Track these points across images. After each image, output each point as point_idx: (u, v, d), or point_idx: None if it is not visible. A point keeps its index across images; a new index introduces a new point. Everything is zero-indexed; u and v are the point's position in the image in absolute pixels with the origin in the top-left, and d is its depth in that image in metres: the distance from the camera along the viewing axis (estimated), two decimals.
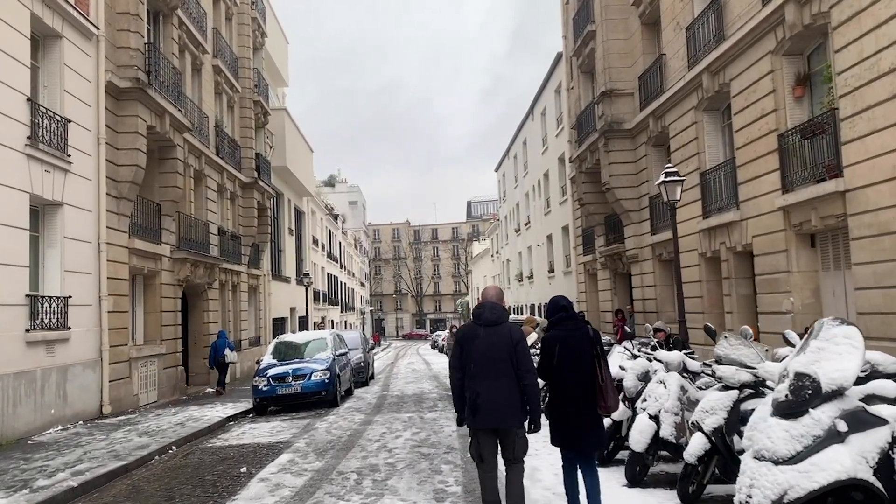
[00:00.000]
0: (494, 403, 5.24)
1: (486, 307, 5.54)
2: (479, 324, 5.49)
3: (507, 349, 5.33)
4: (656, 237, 17.92)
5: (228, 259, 23.15)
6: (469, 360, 5.37)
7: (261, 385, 14.79)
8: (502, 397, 5.25)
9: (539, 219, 34.76)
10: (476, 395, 5.28)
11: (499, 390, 5.25)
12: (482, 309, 5.55)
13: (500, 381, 5.27)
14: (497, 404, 5.24)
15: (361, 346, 21.72)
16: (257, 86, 26.88)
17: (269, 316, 29.14)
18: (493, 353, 5.32)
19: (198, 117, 20.65)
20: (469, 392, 5.33)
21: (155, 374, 16.60)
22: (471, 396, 5.31)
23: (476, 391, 5.28)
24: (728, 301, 14.25)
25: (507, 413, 5.25)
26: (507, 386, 5.27)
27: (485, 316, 5.48)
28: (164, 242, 17.46)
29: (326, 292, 47.66)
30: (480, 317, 5.50)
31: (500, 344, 5.35)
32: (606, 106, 19.61)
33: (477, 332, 5.45)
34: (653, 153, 18.58)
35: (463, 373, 5.41)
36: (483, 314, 5.50)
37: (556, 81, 29.67)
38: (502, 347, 5.34)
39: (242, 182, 25.04)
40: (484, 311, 5.51)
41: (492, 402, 5.24)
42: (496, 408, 5.24)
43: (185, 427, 12.14)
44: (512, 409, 5.26)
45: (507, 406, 5.25)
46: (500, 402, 5.24)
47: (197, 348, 20.76)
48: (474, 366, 5.33)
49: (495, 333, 5.41)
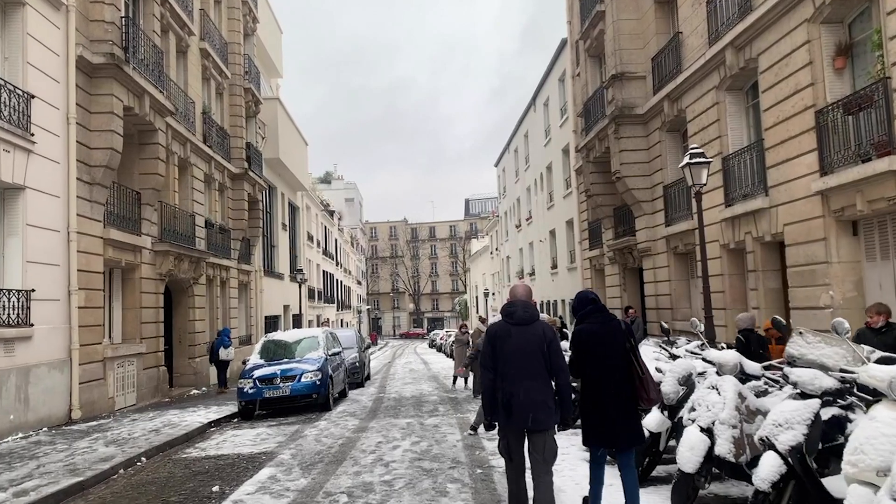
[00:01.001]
0: (529, 404, 5.12)
1: (519, 305, 5.39)
2: (511, 322, 5.34)
3: (540, 348, 5.23)
4: (672, 229, 16.77)
5: (216, 253, 21.96)
6: (501, 360, 5.24)
7: (246, 387, 13.61)
8: (536, 397, 5.14)
9: (541, 213, 33.61)
10: (510, 396, 5.14)
11: (533, 390, 5.15)
12: (514, 307, 5.39)
13: (534, 380, 5.17)
14: (531, 405, 5.12)
15: (356, 346, 20.53)
16: (248, 73, 25.67)
17: (261, 314, 27.94)
18: (526, 353, 5.22)
19: (183, 102, 19.45)
20: (502, 392, 5.19)
21: (134, 374, 15.40)
22: (504, 397, 5.17)
23: (510, 392, 5.15)
24: (754, 296, 13.11)
25: (541, 413, 5.14)
26: (541, 385, 5.18)
27: (517, 314, 5.34)
28: (144, 234, 16.26)
29: (322, 290, 46.46)
30: (513, 315, 5.35)
31: (534, 343, 5.23)
32: (617, 90, 18.44)
33: (509, 330, 5.31)
34: (667, 139, 17.42)
35: (495, 373, 5.26)
36: (516, 312, 5.35)
37: (559, 69, 28.52)
38: (535, 346, 5.23)
39: (232, 173, 23.84)
40: (516, 310, 5.36)
41: (526, 402, 5.12)
42: (530, 408, 5.12)
43: (159, 434, 10.96)
44: (546, 409, 5.16)
45: (542, 406, 5.15)
46: (535, 403, 5.13)
47: (182, 347, 19.57)
48: (507, 365, 5.21)
49: (528, 332, 5.28)
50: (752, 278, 13.23)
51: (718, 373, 5.89)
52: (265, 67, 33.85)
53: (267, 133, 29.71)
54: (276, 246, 32.38)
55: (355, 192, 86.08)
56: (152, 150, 16.24)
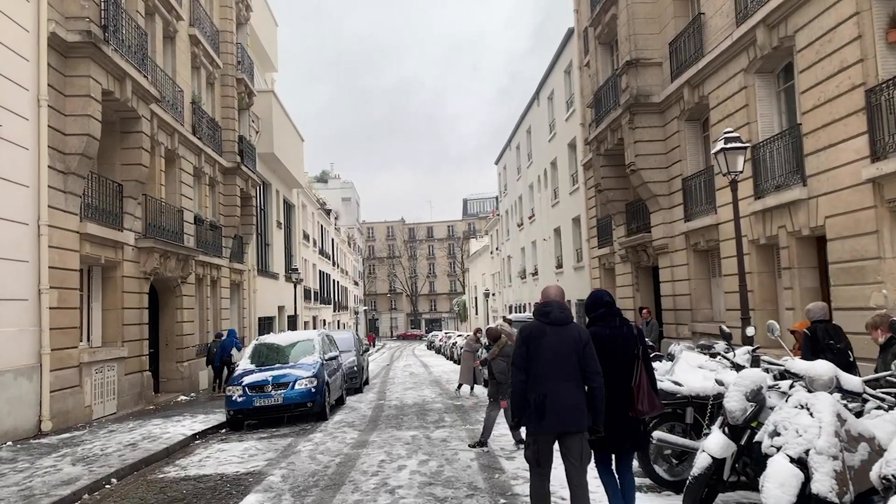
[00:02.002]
0: (563, 406, 5.02)
1: (555, 305, 5.28)
2: (546, 322, 5.20)
3: (576, 350, 5.10)
4: (691, 224, 15.68)
5: (207, 251, 20.82)
6: (535, 361, 5.11)
7: (235, 395, 12.48)
8: (570, 400, 5.05)
9: (545, 211, 32.51)
10: (543, 398, 5.04)
11: (566, 393, 5.05)
12: (550, 307, 5.27)
13: (568, 382, 5.07)
14: (565, 407, 5.03)
15: (354, 349, 19.40)
16: (240, 62, 24.53)
17: (255, 315, 26.79)
18: (561, 354, 5.10)
19: (171, 91, 18.32)
20: (534, 394, 5.07)
21: (114, 381, 14.26)
22: (536, 399, 5.05)
23: (543, 393, 5.05)
24: (788, 295, 12.02)
25: (575, 416, 5.05)
26: (575, 388, 5.08)
27: (553, 314, 5.21)
28: (126, 229, 15.12)
29: (318, 290, 45.31)
30: (549, 315, 5.23)
31: (570, 344, 5.12)
32: (631, 77, 17.34)
33: (544, 330, 5.16)
34: (686, 129, 16.33)
35: (528, 374, 5.12)
36: (552, 312, 5.23)
37: (565, 61, 27.43)
38: (571, 347, 5.11)
39: (223, 167, 22.70)
40: (552, 310, 5.24)
41: (560, 404, 5.02)
42: (564, 410, 5.02)
43: (136, 450, 9.82)
44: (579, 411, 5.07)
45: (575, 409, 5.06)
46: (569, 405, 5.04)
47: (169, 350, 18.42)
48: (541, 366, 5.09)
49: (564, 333, 5.15)
50: (786, 276, 12.14)
51: (809, 389, 4.78)
52: (260, 60, 32.71)
53: (261, 127, 28.58)
54: (270, 245, 31.24)
55: (352, 191, 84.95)
56: (135, 139, 15.11)
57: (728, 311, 14.27)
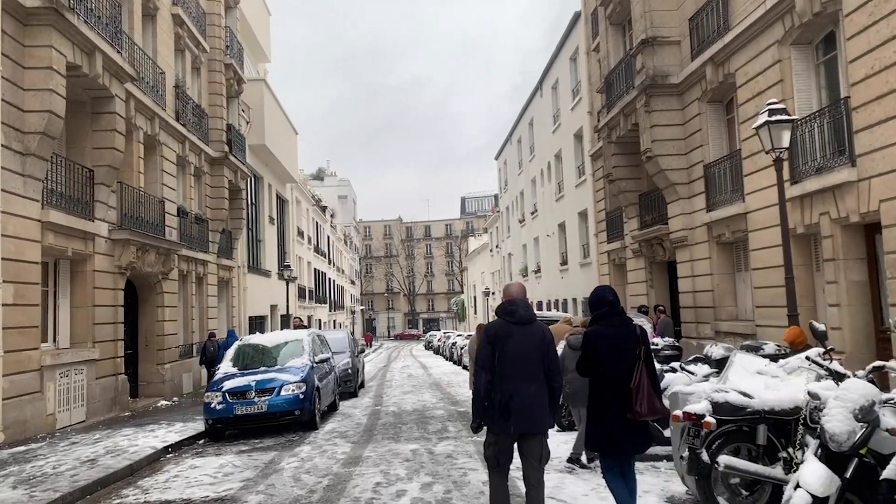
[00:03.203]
0: (528, 407, 4.98)
1: (520, 304, 5.24)
2: (512, 322, 5.15)
3: (540, 349, 5.10)
4: (715, 214, 14.42)
5: (192, 245, 19.52)
6: (501, 361, 5.03)
7: (214, 402, 11.18)
8: (535, 400, 5.02)
9: (549, 206, 31.24)
10: (508, 398, 4.97)
11: (531, 393, 5.01)
12: (515, 306, 5.21)
13: (533, 382, 5.03)
14: (531, 407, 4.99)
15: (349, 349, 18.08)
16: (229, 47, 23.22)
17: (245, 314, 25.48)
18: (526, 354, 5.06)
19: (151, 72, 17.01)
20: (499, 394, 5.00)
21: (82, 385, 12.94)
22: (501, 399, 4.98)
23: (508, 393, 4.98)
24: (833, 290, 10.74)
25: (539, 418, 5.03)
26: (539, 388, 5.06)
27: (519, 313, 5.16)
28: (98, 219, 13.82)
29: (313, 289, 43.99)
30: (514, 314, 5.16)
31: (534, 344, 5.10)
32: (647, 57, 16.07)
33: (511, 330, 5.12)
34: (709, 112, 15.06)
35: (493, 374, 5.04)
36: (517, 311, 5.17)
37: (571, 47, 26.17)
38: (536, 347, 5.09)
39: (210, 157, 21.39)
40: (518, 309, 5.19)
41: (525, 405, 4.97)
42: (530, 411, 4.99)
43: (94, 467, 8.52)
44: (543, 412, 5.06)
45: (540, 409, 5.04)
46: (534, 406, 5.01)
47: (149, 352, 17.11)
48: (506, 366, 5.02)
49: (529, 332, 5.14)
50: (829, 269, 10.86)
51: None
52: (252, 50, 31.46)
53: (252, 117, 27.27)
54: (262, 241, 29.91)
55: (349, 188, 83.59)
56: (108, 121, 13.80)
57: (758, 308, 13.01)
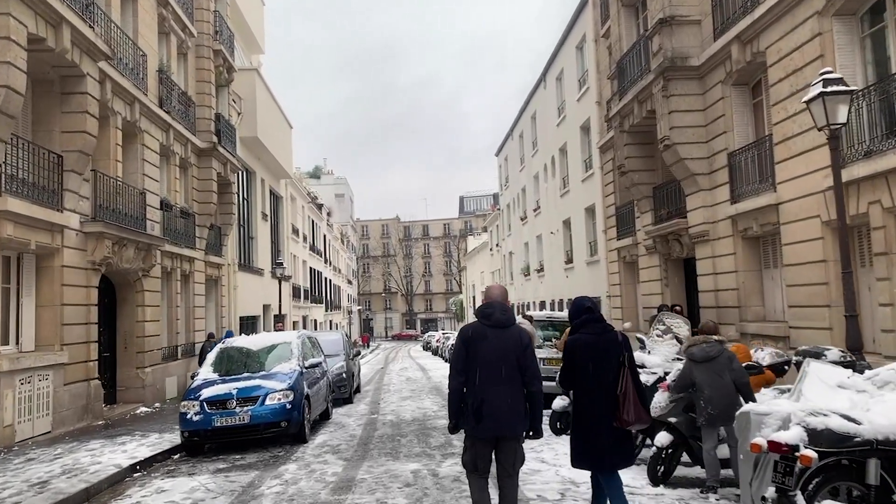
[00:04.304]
0: (500, 411, 4.91)
1: (497, 307, 5.16)
2: (487, 325, 5.09)
3: (517, 353, 5.02)
4: (741, 206, 13.26)
5: (176, 241, 18.32)
6: (475, 363, 4.98)
7: (190, 413, 9.98)
8: (508, 404, 4.94)
9: (553, 202, 30.07)
10: (481, 402, 4.92)
11: (505, 396, 4.94)
12: (492, 309, 5.14)
13: (507, 386, 4.96)
14: (503, 412, 4.92)
15: (343, 352, 16.87)
16: (219, 33, 22.00)
17: (236, 314, 24.26)
18: (502, 357, 4.99)
19: (131, 54, 15.82)
20: (472, 398, 4.97)
21: (48, 393, 11.74)
22: (474, 402, 4.94)
23: (481, 398, 4.93)
24: (884, 288, 9.56)
25: (512, 421, 4.96)
26: (514, 392, 4.98)
27: (496, 317, 5.10)
28: (68, 209, 12.63)
29: (309, 289, 42.75)
30: (490, 317, 5.11)
31: (510, 347, 5.02)
32: (665, 38, 14.90)
33: (486, 333, 5.06)
34: (734, 95, 13.90)
35: (466, 377, 5.01)
36: (494, 314, 5.11)
37: (577, 35, 24.99)
38: (511, 351, 5.02)
39: (197, 147, 20.18)
40: (495, 312, 5.13)
41: (498, 409, 4.91)
42: (502, 415, 4.92)
43: (43, 491, 7.33)
44: (517, 416, 4.99)
45: (513, 413, 4.96)
46: (507, 410, 4.93)
47: (128, 355, 15.90)
48: (481, 370, 4.97)
49: (505, 336, 5.06)
50: (879, 264, 9.68)
51: None
52: (244, 40, 30.33)
53: (244, 109, 26.05)
54: (254, 238, 28.70)
55: (346, 187, 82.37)
56: (78, 102, 12.60)
57: (792, 308, 11.85)
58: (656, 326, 8.20)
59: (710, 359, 6.30)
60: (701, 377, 6.31)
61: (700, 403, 6.28)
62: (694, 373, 6.39)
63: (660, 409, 6.70)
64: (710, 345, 6.40)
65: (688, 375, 6.45)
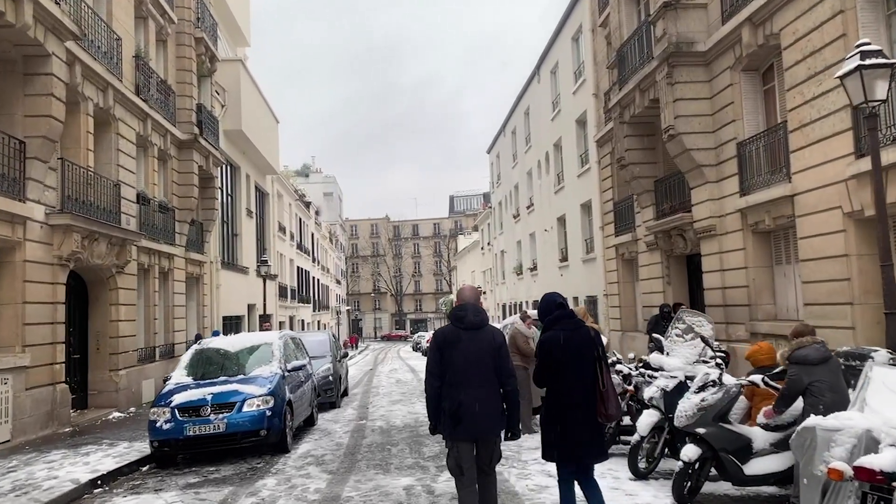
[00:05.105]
0: (477, 412, 4.96)
1: (469, 309, 5.23)
2: (461, 327, 5.16)
3: (491, 354, 5.10)
4: (752, 198, 12.51)
5: (154, 236, 17.39)
6: (450, 367, 5.04)
7: (160, 420, 9.10)
8: (485, 406, 5.01)
9: (547, 199, 29.31)
10: (458, 405, 4.97)
11: (481, 398, 4.99)
12: (465, 311, 5.22)
13: (483, 388, 5.02)
14: (480, 413, 4.97)
15: (330, 354, 15.99)
16: (200, 20, 21.08)
17: (219, 314, 23.30)
18: (476, 359, 5.05)
19: (105, 37, 14.88)
20: (449, 401, 5.01)
21: (7, 398, 10.80)
22: (451, 405, 4.99)
23: (458, 400, 4.97)
24: None
25: (489, 422, 5.04)
26: (490, 393, 5.05)
27: (468, 319, 5.17)
28: (31, 200, 11.69)
29: (296, 288, 41.78)
30: (463, 320, 5.18)
31: (484, 349, 5.10)
32: (669, 22, 14.14)
33: (459, 336, 5.13)
34: (743, 82, 13.16)
35: (442, 380, 5.06)
36: (466, 317, 5.18)
37: (573, 26, 24.23)
38: (485, 352, 5.09)
39: (178, 139, 19.25)
40: (467, 314, 5.19)
41: (475, 411, 4.96)
42: (479, 417, 4.97)
43: None
44: (494, 417, 5.06)
45: (490, 415, 5.03)
46: (484, 411, 4.99)
47: (101, 356, 14.96)
48: (456, 372, 5.02)
49: (478, 337, 5.13)
50: None
51: None
52: (229, 31, 29.41)
53: (228, 101, 25.10)
54: (239, 235, 27.73)
55: (334, 185, 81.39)
56: (43, 84, 11.67)
57: (809, 306, 11.11)
58: (675, 325, 7.41)
59: (827, 359, 5.53)
60: (819, 381, 5.51)
61: (820, 410, 5.45)
62: (810, 377, 5.59)
63: (686, 417, 5.91)
64: (821, 344, 5.63)
65: (801, 382, 5.62)
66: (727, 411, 5.88)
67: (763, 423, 5.98)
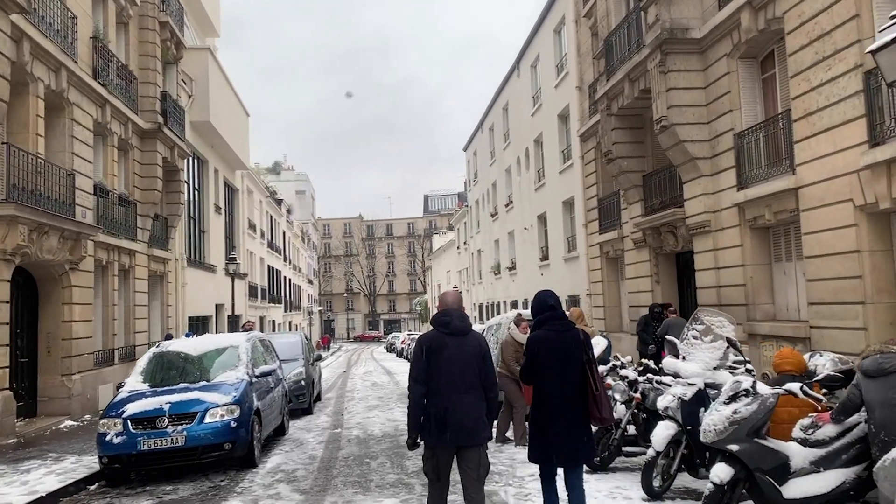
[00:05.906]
0: (464, 419, 4.90)
1: (454, 315, 5.13)
2: (446, 333, 5.07)
3: (476, 360, 5.04)
4: (751, 192, 11.86)
5: (114, 231, 16.27)
6: (435, 373, 4.95)
7: (111, 433, 8.09)
8: (472, 412, 4.94)
9: (526, 196, 28.60)
10: (444, 412, 4.87)
11: (468, 405, 4.93)
12: (449, 317, 5.11)
13: (469, 394, 4.96)
14: (467, 420, 4.91)
15: (302, 356, 15.01)
16: (165, 2, 19.93)
17: (184, 314, 22.14)
18: (462, 365, 4.98)
19: (58, 14, 13.74)
20: (434, 407, 4.91)
21: None
22: (437, 412, 4.89)
23: (444, 407, 4.88)
24: None
25: (476, 429, 4.96)
26: (475, 399, 4.99)
27: (454, 324, 5.08)
28: None
29: (267, 288, 40.54)
30: (448, 325, 5.08)
31: (470, 355, 5.03)
32: (662, 7, 13.46)
33: (445, 341, 5.03)
34: (740, 70, 12.52)
35: (427, 387, 4.95)
36: (452, 322, 5.09)
37: (555, 17, 23.54)
38: (473, 358, 5.03)
39: (140, 128, 18.10)
40: (452, 319, 5.10)
41: (462, 417, 4.89)
42: (466, 424, 4.90)
43: None
44: (481, 424, 5.00)
45: (476, 421, 4.96)
46: (470, 418, 4.93)
47: (52, 360, 13.81)
48: (441, 379, 4.93)
49: (465, 343, 5.07)
50: None
51: None
52: (197, 21, 28.17)
53: (195, 91, 23.93)
54: (206, 232, 26.55)
55: (307, 184, 79.92)
56: None
57: (813, 305, 10.47)
58: (692, 326, 6.65)
59: (886, 373, 4.78)
60: (870, 395, 4.79)
61: (871, 428, 4.72)
62: (864, 390, 4.87)
63: (715, 432, 5.13)
64: (888, 356, 4.86)
65: (858, 394, 4.92)
66: (762, 425, 5.13)
67: (800, 437, 5.24)
